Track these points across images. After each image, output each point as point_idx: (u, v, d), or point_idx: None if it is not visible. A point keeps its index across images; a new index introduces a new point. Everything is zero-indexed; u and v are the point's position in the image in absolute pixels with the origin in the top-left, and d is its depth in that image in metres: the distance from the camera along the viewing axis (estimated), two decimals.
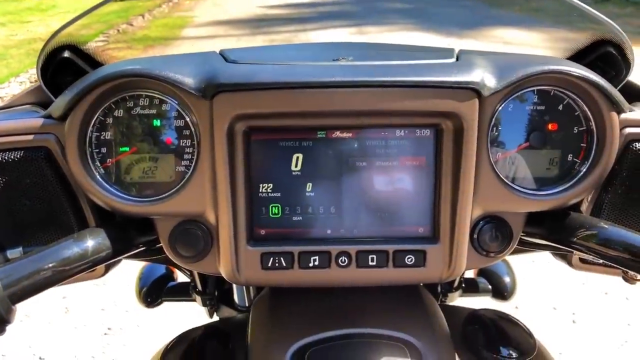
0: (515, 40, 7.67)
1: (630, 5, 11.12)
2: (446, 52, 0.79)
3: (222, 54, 0.79)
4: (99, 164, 0.77)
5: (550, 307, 2.62)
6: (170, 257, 0.79)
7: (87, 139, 0.76)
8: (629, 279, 0.75)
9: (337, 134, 0.74)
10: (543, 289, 2.68)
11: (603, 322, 2.51)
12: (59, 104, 0.76)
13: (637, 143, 0.77)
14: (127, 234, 0.78)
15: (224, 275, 0.77)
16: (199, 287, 1.22)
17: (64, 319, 2.55)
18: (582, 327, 2.50)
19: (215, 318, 1.31)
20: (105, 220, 0.80)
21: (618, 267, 0.69)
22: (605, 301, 2.63)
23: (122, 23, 9.87)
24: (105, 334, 2.47)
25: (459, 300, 1.24)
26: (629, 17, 9.85)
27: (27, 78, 6.56)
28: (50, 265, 0.65)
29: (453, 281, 1.20)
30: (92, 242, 0.70)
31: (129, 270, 1.21)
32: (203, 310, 1.28)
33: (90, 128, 0.76)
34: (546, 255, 0.92)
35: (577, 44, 0.89)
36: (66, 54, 0.84)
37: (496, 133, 0.77)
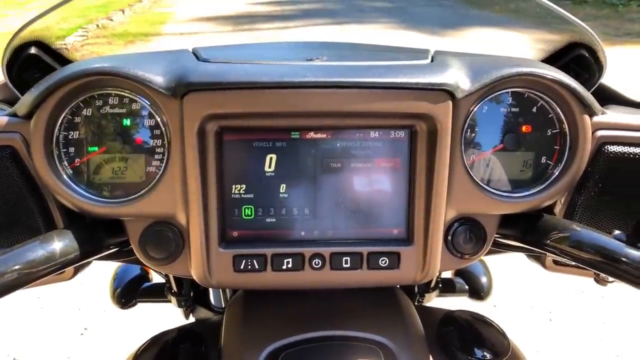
0: (494, 40, 7.75)
1: (607, 6, 11.31)
2: (421, 53, 0.79)
3: (195, 52, 0.78)
4: (66, 164, 0.75)
5: (529, 305, 2.65)
6: (140, 259, 0.77)
7: (54, 138, 0.74)
8: (600, 281, 0.76)
9: (312, 134, 0.73)
10: (521, 289, 2.71)
11: (579, 320, 2.55)
12: (25, 101, 0.74)
13: (609, 145, 0.78)
14: (97, 236, 0.76)
15: (195, 277, 0.76)
16: (174, 288, 1.20)
17: (39, 318, 2.51)
18: (558, 325, 2.53)
19: (192, 319, 1.30)
20: (74, 222, 0.78)
21: (590, 269, 0.69)
22: (581, 300, 2.67)
23: (102, 18, 9.73)
24: (82, 334, 2.43)
25: (436, 300, 1.25)
26: (605, 19, 10.03)
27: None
28: (16, 267, 0.63)
29: (430, 281, 1.20)
30: (59, 243, 0.68)
31: (105, 270, 1.19)
32: (179, 311, 1.27)
33: (57, 127, 0.74)
34: (523, 256, 0.92)
35: (552, 46, 0.89)
36: (33, 50, 0.82)
37: (470, 135, 0.76)
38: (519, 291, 2.69)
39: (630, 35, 8.70)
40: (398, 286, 0.90)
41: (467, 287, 1.32)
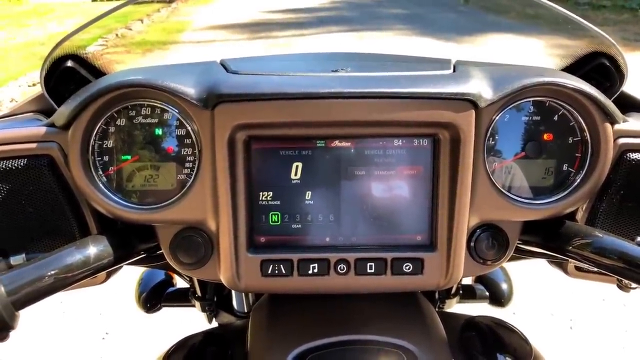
0: (512, 47, 7.71)
1: (626, 11, 11.18)
2: (443, 63, 0.80)
3: (223, 64, 0.80)
4: (101, 172, 0.78)
5: (548, 313, 2.63)
6: (171, 264, 0.80)
7: (90, 148, 0.77)
8: (623, 287, 0.76)
9: (336, 143, 0.75)
10: (540, 296, 2.69)
11: (600, 329, 2.52)
12: (62, 112, 0.77)
13: (630, 153, 0.79)
14: (129, 241, 0.79)
15: (224, 282, 0.78)
16: (198, 292, 1.22)
17: (61, 322, 2.55)
18: (579, 333, 2.51)
19: (214, 324, 1.32)
20: (107, 228, 0.81)
21: (612, 275, 0.70)
22: (603, 307, 2.64)
23: (121, 27, 9.89)
24: (103, 338, 2.47)
25: (456, 307, 1.25)
26: (625, 24, 9.92)
27: (26, 81, 6.57)
28: (53, 272, 0.66)
29: (451, 288, 1.20)
30: (94, 249, 0.71)
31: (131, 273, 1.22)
32: (202, 316, 1.29)
33: (92, 137, 0.77)
34: (543, 262, 0.93)
35: (572, 55, 0.90)
36: (69, 64, 0.85)
37: (493, 143, 0.78)
38: (538, 298, 2.67)
39: None
40: (420, 292, 0.91)
41: (487, 293, 1.32)
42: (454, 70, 0.78)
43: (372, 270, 0.76)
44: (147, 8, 12.14)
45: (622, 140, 0.78)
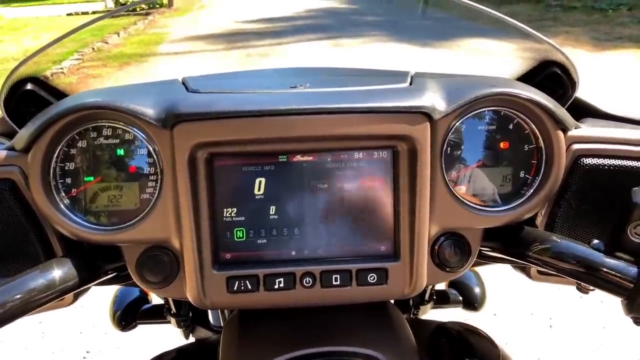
0: (483, 49, 7.82)
1: (596, 12, 11.42)
2: (400, 77, 0.82)
3: (184, 82, 0.81)
4: (63, 194, 0.78)
5: (528, 312, 2.66)
6: (137, 283, 0.80)
7: (51, 170, 0.77)
8: (582, 289, 0.78)
9: (298, 157, 0.76)
10: (520, 296, 2.72)
11: (579, 326, 2.56)
12: (22, 136, 0.77)
13: (584, 158, 0.81)
14: (95, 262, 0.79)
15: (190, 299, 0.78)
16: (173, 309, 1.22)
17: (41, 343, 2.51)
18: (559, 331, 2.54)
19: (192, 339, 1.31)
20: (72, 249, 0.81)
21: (571, 278, 0.72)
22: (581, 305, 2.68)
23: (97, 41, 9.81)
24: (84, 357, 2.44)
25: (431, 312, 1.27)
26: (595, 24, 10.13)
27: None
28: (17, 296, 0.66)
29: (424, 294, 1.22)
30: (59, 271, 0.71)
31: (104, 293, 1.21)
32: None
33: (54, 159, 0.77)
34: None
35: (527, 64, 0.93)
36: (29, 86, 0.85)
37: (450, 152, 0.79)
38: (518, 299, 2.70)
39: (621, 39, 8.77)
40: (392, 300, 0.92)
41: (460, 298, 1.34)
42: (411, 83, 0.79)
43: (338, 282, 0.77)
44: (124, 20, 12.06)
45: (575, 146, 0.81)
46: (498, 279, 1.40)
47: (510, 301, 2.67)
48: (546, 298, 2.72)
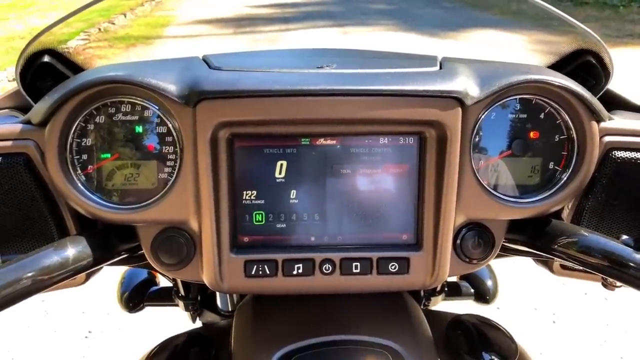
0: (497, 42, 7.75)
1: (608, 8, 11.31)
2: (429, 60, 0.79)
3: (206, 60, 0.78)
4: (79, 171, 0.76)
5: (532, 307, 2.65)
6: (152, 264, 0.78)
7: (68, 146, 0.75)
8: (608, 285, 0.76)
9: (321, 141, 0.74)
10: (524, 291, 2.71)
11: (583, 322, 2.55)
12: (39, 109, 0.74)
13: (616, 151, 0.79)
14: (109, 242, 0.77)
15: (207, 283, 0.76)
16: (182, 292, 1.21)
17: (43, 322, 2.51)
18: (562, 327, 2.53)
19: (198, 323, 1.30)
20: (87, 228, 0.79)
21: (597, 273, 0.70)
22: (585, 302, 2.67)
23: (104, 22, 9.75)
24: (86, 337, 2.44)
25: (441, 304, 1.25)
26: (607, 20, 10.03)
27: (6, 76, 6.45)
28: (30, 274, 0.64)
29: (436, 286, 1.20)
30: (72, 250, 0.69)
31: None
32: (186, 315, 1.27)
33: (70, 134, 0.75)
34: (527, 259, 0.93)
35: (558, 52, 0.90)
36: (46, 59, 0.83)
37: (479, 141, 0.77)
38: (522, 293, 2.69)
39: (632, 36, 8.70)
40: (406, 290, 0.91)
41: (472, 290, 1.33)
42: (441, 68, 0.77)
43: (358, 270, 0.76)
44: (131, 2, 11.98)
45: (607, 139, 0.78)
46: (501, 273, 1.38)
47: (514, 295, 2.66)
48: (550, 293, 2.71)
